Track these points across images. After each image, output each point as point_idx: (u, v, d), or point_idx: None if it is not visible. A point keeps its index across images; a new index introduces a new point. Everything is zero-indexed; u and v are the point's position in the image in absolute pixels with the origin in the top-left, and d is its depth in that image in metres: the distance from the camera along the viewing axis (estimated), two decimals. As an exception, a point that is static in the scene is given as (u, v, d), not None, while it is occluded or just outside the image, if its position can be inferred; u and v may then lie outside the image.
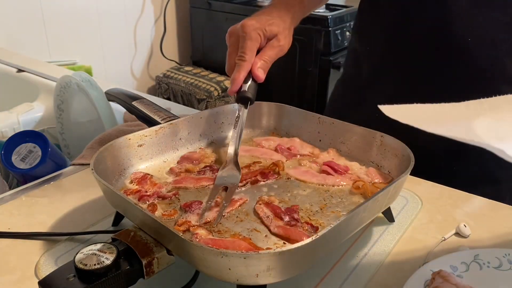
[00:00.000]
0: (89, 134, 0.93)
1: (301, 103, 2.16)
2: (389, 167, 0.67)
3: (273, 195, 0.62)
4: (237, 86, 0.67)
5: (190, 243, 0.44)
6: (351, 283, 0.55)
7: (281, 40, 0.71)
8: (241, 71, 0.67)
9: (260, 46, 0.70)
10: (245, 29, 0.68)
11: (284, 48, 0.72)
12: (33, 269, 0.56)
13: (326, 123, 0.75)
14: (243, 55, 0.68)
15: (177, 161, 0.71)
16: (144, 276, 0.48)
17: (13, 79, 1.31)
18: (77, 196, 0.71)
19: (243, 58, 0.67)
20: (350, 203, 0.61)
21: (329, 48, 2.20)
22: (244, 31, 0.68)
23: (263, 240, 0.54)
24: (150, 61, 2.65)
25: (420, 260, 0.58)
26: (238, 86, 0.67)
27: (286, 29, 0.73)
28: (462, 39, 0.75)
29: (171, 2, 2.62)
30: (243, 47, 0.68)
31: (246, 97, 0.67)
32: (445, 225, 0.65)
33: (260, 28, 0.69)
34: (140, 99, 0.76)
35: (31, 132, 0.85)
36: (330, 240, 0.49)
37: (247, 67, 0.67)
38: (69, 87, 1.00)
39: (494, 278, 0.53)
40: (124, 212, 0.57)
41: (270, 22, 0.70)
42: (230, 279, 0.45)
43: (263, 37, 0.69)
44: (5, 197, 0.71)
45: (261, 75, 0.68)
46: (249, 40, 0.68)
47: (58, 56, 2.11)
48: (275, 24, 0.71)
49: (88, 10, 2.24)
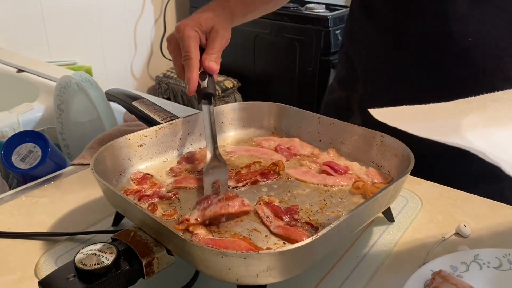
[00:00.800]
0: (89, 134, 0.92)
1: (301, 103, 2.16)
2: (389, 167, 0.67)
3: (273, 195, 0.62)
4: (194, 84, 0.66)
5: (190, 243, 0.44)
6: (351, 283, 0.55)
7: (219, 30, 0.70)
8: (192, 69, 0.66)
9: (201, 42, 0.69)
10: (180, 30, 0.68)
11: (226, 36, 0.71)
12: (33, 269, 0.56)
13: (326, 123, 0.75)
14: (187, 53, 0.67)
15: (177, 161, 0.71)
16: (144, 276, 0.48)
17: (13, 79, 1.31)
18: (77, 196, 0.71)
19: (188, 56, 0.67)
20: (350, 203, 0.61)
21: (329, 48, 2.20)
22: (180, 33, 0.68)
23: (263, 240, 0.54)
24: (150, 61, 2.65)
25: (420, 260, 0.58)
26: (195, 84, 0.66)
27: (221, 19, 0.72)
28: (462, 39, 0.75)
29: (171, 2, 2.62)
30: (184, 47, 0.67)
31: (208, 93, 0.66)
32: (445, 225, 0.65)
33: (194, 25, 0.68)
34: (140, 99, 0.76)
35: (31, 132, 0.85)
36: (330, 240, 0.49)
37: (195, 64, 0.66)
38: (69, 87, 1.00)
39: (494, 278, 0.53)
40: (124, 212, 0.57)
41: (203, 17, 0.70)
42: (230, 279, 0.45)
43: (200, 32, 0.69)
44: (5, 197, 0.71)
45: (214, 66, 0.67)
46: (187, 38, 0.67)
47: (58, 56, 2.11)
48: (208, 17, 0.70)
49: (88, 10, 2.24)
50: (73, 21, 2.17)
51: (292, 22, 2.27)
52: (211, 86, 0.67)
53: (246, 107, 0.81)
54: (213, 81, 0.68)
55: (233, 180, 0.65)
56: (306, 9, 2.31)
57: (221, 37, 0.69)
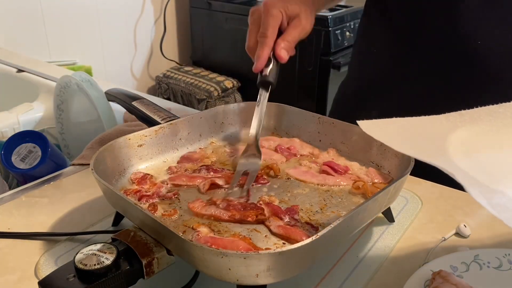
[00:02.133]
0: (89, 134, 0.92)
1: (301, 103, 2.16)
2: (389, 167, 0.67)
3: (273, 195, 0.62)
4: (262, 63, 0.67)
5: (190, 243, 0.44)
6: (351, 283, 0.55)
7: (303, 19, 0.71)
8: (264, 47, 0.67)
9: (282, 25, 0.70)
10: (267, 7, 0.69)
11: (306, 28, 0.71)
12: (33, 269, 0.56)
13: (326, 123, 0.75)
14: (265, 31, 0.68)
15: (177, 161, 0.71)
16: (144, 276, 0.48)
17: (13, 79, 1.31)
18: (77, 196, 0.71)
19: (264, 34, 0.68)
20: (350, 203, 0.61)
21: (329, 48, 2.20)
22: (265, 8, 0.69)
23: (263, 240, 0.54)
24: (150, 61, 2.65)
25: (420, 260, 0.58)
26: (263, 63, 0.67)
27: (308, 10, 0.73)
28: (471, 41, 0.75)
29: (171, 2, 2.62)
30: (264, 23, 0.68)
31: (267, 81, 0.67)
32: (445, 225, 0.65)
33: (281, 6, 0.69)
34: (140, 99, 0.76)
35: (31, 132, 0.85)
36: (330, 240, 0.49)
37: (269, 43, 0.67)
38: (69, 87, 1.00)
39: (494, 278, 0.53)
40: (124, 212, 0.57)
41: (292, 1, 0.71)
42: (230, 279, 0.45)
43: (284, 14, 0.69)
44: (5, 197, 0.71)
45: (284, 55, 0.68)
46: (270, 17, 0.68)
47: (58, 56, 2.11)
48: (296, 3, 0.71)
49: (88, 10, 2.24)
50: (73, 21, 2.17)
51: (292, 22, 2.27)
52: (272, 75, 0.67)
53: (246, 107, 0.81)
54: (276, 70, 0.68)
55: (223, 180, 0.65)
56: (306, 9, 2.31)
57: (302, 28, 0.70)
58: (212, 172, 0.67)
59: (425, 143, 0.46)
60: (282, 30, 0.71)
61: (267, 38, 0.67)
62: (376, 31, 0.89)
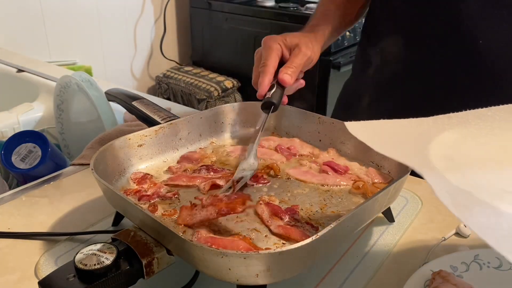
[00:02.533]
0: (89, 134, 0.92)
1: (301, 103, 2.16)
2: (389, 167, 0.67)
3: (273, 195, 0.62)
4: (264, 89, 0.69)
5: (190, 243, 0.44)
6: (351, 283, 0.55)
7: (302, 47, 0.73)
8: (265, 75, 0.70)
9: (284, 57, 0.73)
10: (266, 42, 0.73)
11: (308, 54, 0.74)
12: (33, 269, 0.56)
13: (326, 123, 0.75)
14: (265, 61, 0.71)
15: (177, 161, 0.71)
16: (144, 276, 0.48)
17: (13, 79, 1.31)
18: (77, 196, 0.71)
19: (264, 63, 0.71)
20: (350, 203, 0.61)
21: (329, 48, 2.20)
22: (265, 43, 0.73)
23: (263, 240, 0.54)
24: (150, 61, 2.65)
25: (420, 260, 0.58)
26: (265, 89, 0.69)
27: (308, 40, 0.75)
28: (473, 41, 0.75)
29: (171, 2, 2.62)
30: (263, 56, 0.72)
31: (270, 102, 0.69)
32: (445, 225, 0.65)
33: (280, 39, 0.73)
34: (140, 99, 0.76)
35: (31, 132, 0.85)
36: (330, 240, 0.49)
37: (270, 70, 0.70)
38: (69, 87, 1.00)
39: (494, 278, 0.53)
40: (124, 212, 0.57)
41: (291, 34, 0.75)
42: (230, 279, 0.45)
43: (283, 46, 0.73)
44: (5, 197, 0.71)
45: (288, 79, 0.70)
46: (269, 49, 0.72)
47: (58, 56, 2.11)
48: (295, 36, 0.75)
49: (88, 10, 2.24)
50: (73, 21, 2.17)
51: (292, 22, 2.27)
52: (275, 97, 0.69)
53: (246, 107, 0.81)
54: (280, 94, 0.70)
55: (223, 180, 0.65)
56: (306, 9, 2.31)
57: (303, 54, 0.73)
58: (212, 172, 0.67)
59: (408, 146, 0.46)
60: (285, 62, 0.73)
61: (267, 67, 0.70)
62: (380, 32, 0.90)
